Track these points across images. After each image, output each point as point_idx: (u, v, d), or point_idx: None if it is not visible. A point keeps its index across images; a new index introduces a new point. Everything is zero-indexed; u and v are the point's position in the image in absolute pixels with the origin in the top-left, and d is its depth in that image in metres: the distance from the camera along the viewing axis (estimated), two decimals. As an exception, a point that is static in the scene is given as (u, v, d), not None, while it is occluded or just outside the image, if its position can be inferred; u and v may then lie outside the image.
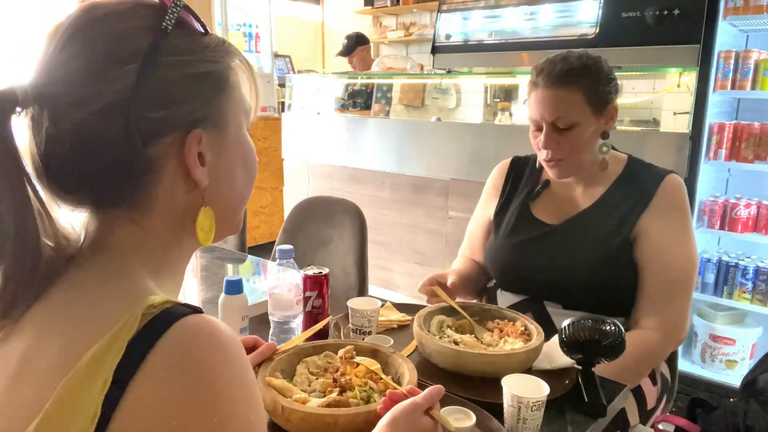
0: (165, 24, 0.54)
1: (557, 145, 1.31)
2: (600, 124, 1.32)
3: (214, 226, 0.60)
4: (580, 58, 1.30)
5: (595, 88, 1.29)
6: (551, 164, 1.35)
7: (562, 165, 1.34)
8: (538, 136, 1.34)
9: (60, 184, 0.54)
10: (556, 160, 1.33)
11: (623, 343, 1.00)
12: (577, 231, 1.37)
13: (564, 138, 1.30)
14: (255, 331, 1.21)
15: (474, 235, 1.59)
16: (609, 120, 1.34)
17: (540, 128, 1.33)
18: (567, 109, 1.28)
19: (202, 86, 0.57)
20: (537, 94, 1.31)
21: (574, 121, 1.29)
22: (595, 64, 1.30)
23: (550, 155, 1.32)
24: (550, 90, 1.29)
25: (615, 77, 1.33)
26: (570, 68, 1.28)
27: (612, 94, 1.33)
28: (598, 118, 1.31)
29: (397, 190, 3.16)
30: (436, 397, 0.79)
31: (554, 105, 1.29)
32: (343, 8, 5.97)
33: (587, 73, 1.28)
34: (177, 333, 0.48)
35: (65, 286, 0.54)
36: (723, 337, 2.40)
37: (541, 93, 1.30)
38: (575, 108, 1.28)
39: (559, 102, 1.28)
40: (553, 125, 1.30)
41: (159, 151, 0.55)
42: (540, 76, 1.30)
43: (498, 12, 2.98)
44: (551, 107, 1.29)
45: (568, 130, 1.29)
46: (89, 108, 0.51)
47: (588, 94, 1.28)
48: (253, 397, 0.50)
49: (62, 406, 0.45)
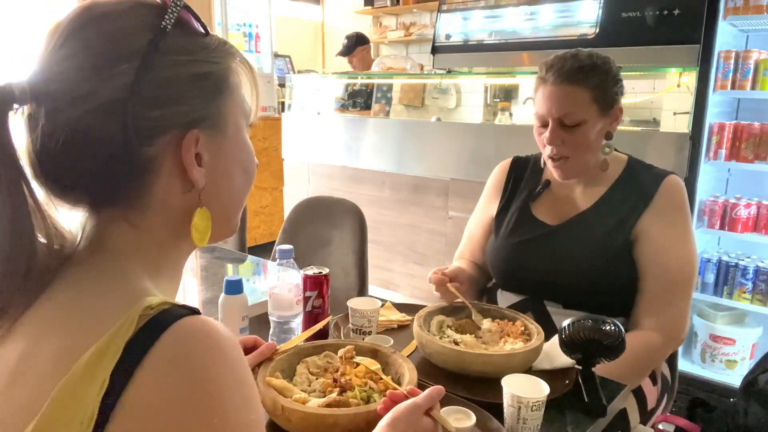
0: (164, 23, 0.54)
1: (562, 143, 1.31)
2: (605, 123, 1.32)
3: (210, 227, 0.60)
4: (590, 56, 1.30)
5: (603, 88, 1.30)
6: (556, 164, 1.34)
7: (567, 164, 1.34)
8: (543, 132, 1.33)
9: (56, 182, 0.54)
10: (562, 157, 1.33)
11: (623, 343, 1.00)
12: (577, 231, 1.37)
13: (570, 136, 1.30)
14: (255, 331, 1.21)
15: (474, 235, 1.59)
16: (614, 121, 1.34)
17: (546, 124, 1.33)
18: (574, 106, 1.28)
19: (201, 86, 0.57)
20: (545, 89, 1.31)
21: (580, 119, 1.29)
22: (604, 64, 1.31)
23: (555, 151, 1.32)
24: (558, 86, 1.29)
25: (621, 78, 1.34)
26: (580, 65, 1.28)
27: (618, 94, 1.33)
28: (603, 117, 1.31)
29: (397, 190, 3.16)
30: (437, 397, 0.79)
31: (562, 101, 1.29)
32: (343, 8, 5.97)
33: (596, 71, 1.29)
34: (174, 334, 0.47)
35: (62, 287, 0.54)
36: (723, 337, 2.40)
37: (550, 89, 1.30)
38: (582, 105, 1.28)
39: (567, 98, 1.28)
40: (560, 122, 1.30)
41: (156, 151, 0.54)
42: (549, 72, 1.30)
43: (498, 12, 2.98)
44: (559, 103, 1.29)
45: (575, 128, 1.29)
46: (86, 105, 0.51)
47: (596, 93, 1.28)
48: (252, 398, 0.50)
49: (59, 408, 0.45)
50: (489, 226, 1.54)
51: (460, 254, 1.62)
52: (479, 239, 1.57)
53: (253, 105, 0.65)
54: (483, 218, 1.57)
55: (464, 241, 1.62)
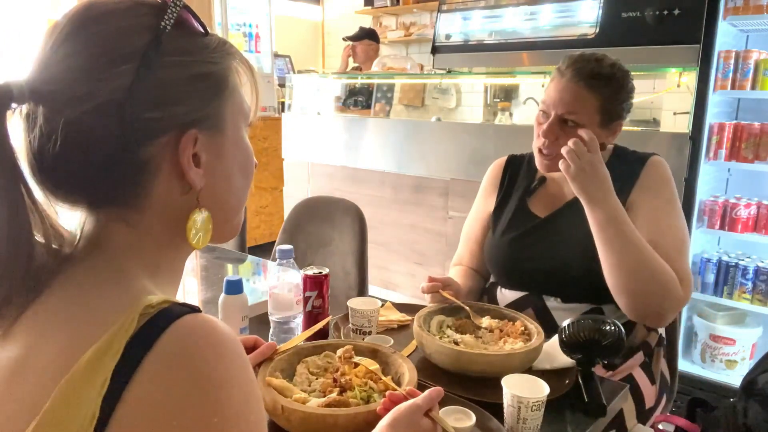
0: (164, 23, 0.54)
1: (556, 139, 1.32)
2: (602, 135, 1.34)
3: (210, 229, 0.60)
4: (613, 66, 1.33)
5: (612, 101, 1.32)
6: (543, 156, 1.37)
7: (552, 161, 1.35)
8: (542, 123, 1.35)
9: (54, 182, 0.54)
10: (550, 153, 1.35)
11: (623, 343, 1.01)
12: (567, 220, 1.39)
13: (565, 135, 1.31)
14: (255, 331, 1.21)
15: (472, 234, 1.59)
16: (611, 134, 1.37)
17: (547, 116, 1.35)
18: (580, 107, 1.30)
19: (200, 87, 0.56)
20: (559, 83, 1.33)
21: (580, 122, 1.30)
22: (623, 78, 1.34)
23: (546, 147, 1.34)
24: (572, 84, 1.31)
25: (633, 96, 1.37)
26: (600, 72, 1.30)
27: (624, 111, 1.36)
28: (602, 129, 1.33)
29: (397, 190, 3.16)
30: (436, 398, 0.79)
31: (569, 99, 1.31)
32: (343, 8, 5.97)
33: (612, 83, 1.32)
34: (175, 333, 0.47)
35: (62, 287, 0.54)
36: (723, 337, 2.40)
37: (564, 84, 1.32)
38: (587, 110, 1.31)
39: (576, 99, 1.30)
40: (560, 118, 1.32)
41: (154, 152, 0.54)
42: (569, 68, 1.32)
43: (498, 12, 2.98)
44: (566, 100, 1.31)
45: (572, 128, 1.30)
46: (84, 106, 0.51)
47: (604, 104, 1.31)
48: (253, 396, 0.50)
49: (60, 407, 0.45)
50: (487, 222, 1.55)
51: (458, 259, 1.62)
52: (478, 237, 1.57)
53: (253, 105, 0.64)
54: (481, 215, 1.58)
55: (462, 243, 1.62)
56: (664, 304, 1.23)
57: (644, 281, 1.20)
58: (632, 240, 1.20)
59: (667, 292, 1.21)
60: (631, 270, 1.20)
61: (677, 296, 1.22)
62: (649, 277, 1.20)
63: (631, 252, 1.20)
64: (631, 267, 1.20)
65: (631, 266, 1.20)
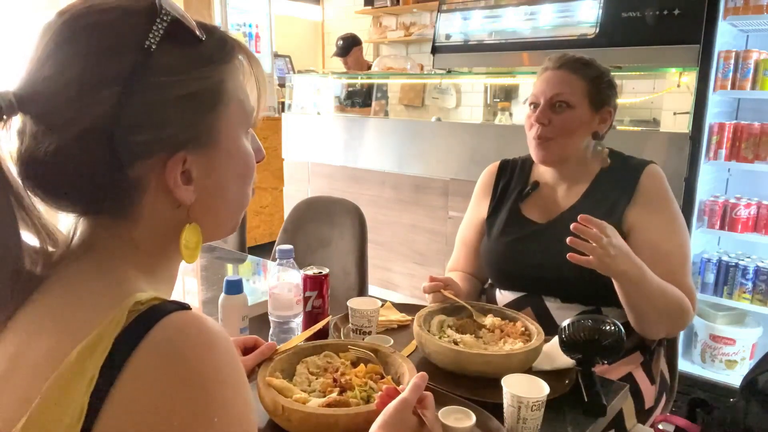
0: (148, 42, 0.51)
1: (549, 122, 1.36)
2: (593, 120, 1.38)
3: (200, 242, 0.59)
4: (591, 59, 1.41)
5: (597, 84, 1.38)
6: (539, 142, 1.38)
7: (549, 146, 1.38)
8: (532, 116, 1.39)
9: (42, 191, 0.54)
10: (545, 138, 1.37)
11: (623, 343, 1.01)
12: (566, 227, 1.38)
13: (557, 117, 1.36)
14: (255, 331, 1.21)
15: (467, 239, 1.59)
16: (602, 122, 1.40)
17: (537, 107, 1.39)
18: (567, 88, 1.36)
19: (189, 107, 0.54)
20: (544, 75, 1.40)
21: (570, 102, 1.35)
22: (601, 67, 1.41)
23: (540, 131, 1.37)
24: (558, 70, 1.38)
25: (616, 87, 1.43)
26: (580, 58, 1.39)
27: (611, 98, 1.41)
28: (592, 113, 1.38)
29: (397, 190, 3.16)
30: (422, 386, 0.79)
31: (556, 82, 1.37)
32: (343, 8, 5.97)
33: (594, 68, 1.39)
34: (164, 329, 0.47)
35: (54, 287, 0.54)
36: (723, 337, 2.40)
37: (548, 73, 1.39)
38: (575, 92, 1.36)
39: (562, 82, 1.37)
40: (550, 103, 1.36)
41: (141, 172, 0.53)
42: (551, 61, 1.40)
43: (498, 12, 2.98)
44: (554, 83, 1.37)
45: (563, 110, 1.35)
46: (69, 132, 0.50)
47: (590, 86, 1.36)
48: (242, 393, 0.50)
49: (49, 404, 0.45)
50: (481, 227, 1.55)
51: (454, 264, 1.61)
52: (473, 242, 1.57)
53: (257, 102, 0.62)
54: (474, 221, 1.58)
55: (457, 248, 1.62)
56: (679, 326, 1.33)
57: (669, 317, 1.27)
58: (655, 291, 1.22)
59: (686, 316, 1.28)
60: (658, 315, 1.26)
61: (691, 316, 1.29)
62: (672, 312, 1.26)
63: (657, 298, 1.23)
64: (656, 315, 1.25)
65: (657, 313, 1.25)
